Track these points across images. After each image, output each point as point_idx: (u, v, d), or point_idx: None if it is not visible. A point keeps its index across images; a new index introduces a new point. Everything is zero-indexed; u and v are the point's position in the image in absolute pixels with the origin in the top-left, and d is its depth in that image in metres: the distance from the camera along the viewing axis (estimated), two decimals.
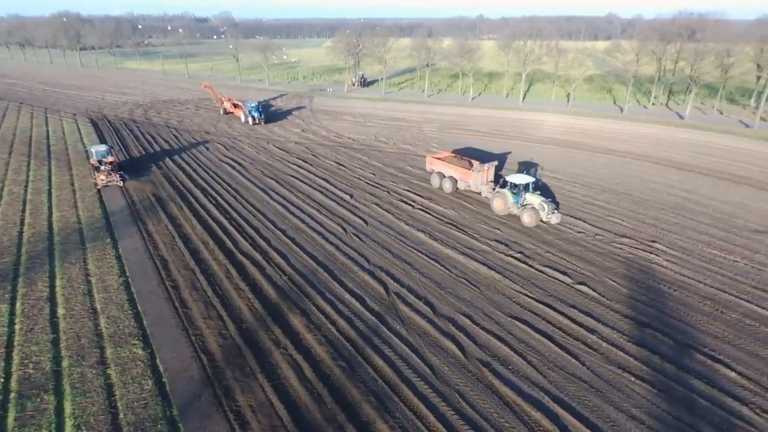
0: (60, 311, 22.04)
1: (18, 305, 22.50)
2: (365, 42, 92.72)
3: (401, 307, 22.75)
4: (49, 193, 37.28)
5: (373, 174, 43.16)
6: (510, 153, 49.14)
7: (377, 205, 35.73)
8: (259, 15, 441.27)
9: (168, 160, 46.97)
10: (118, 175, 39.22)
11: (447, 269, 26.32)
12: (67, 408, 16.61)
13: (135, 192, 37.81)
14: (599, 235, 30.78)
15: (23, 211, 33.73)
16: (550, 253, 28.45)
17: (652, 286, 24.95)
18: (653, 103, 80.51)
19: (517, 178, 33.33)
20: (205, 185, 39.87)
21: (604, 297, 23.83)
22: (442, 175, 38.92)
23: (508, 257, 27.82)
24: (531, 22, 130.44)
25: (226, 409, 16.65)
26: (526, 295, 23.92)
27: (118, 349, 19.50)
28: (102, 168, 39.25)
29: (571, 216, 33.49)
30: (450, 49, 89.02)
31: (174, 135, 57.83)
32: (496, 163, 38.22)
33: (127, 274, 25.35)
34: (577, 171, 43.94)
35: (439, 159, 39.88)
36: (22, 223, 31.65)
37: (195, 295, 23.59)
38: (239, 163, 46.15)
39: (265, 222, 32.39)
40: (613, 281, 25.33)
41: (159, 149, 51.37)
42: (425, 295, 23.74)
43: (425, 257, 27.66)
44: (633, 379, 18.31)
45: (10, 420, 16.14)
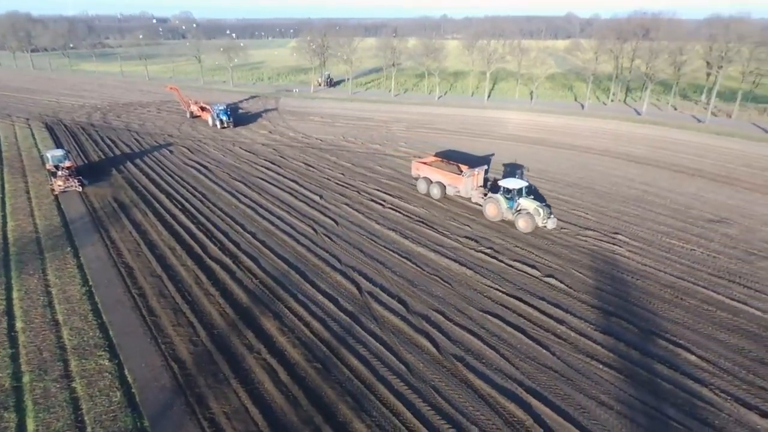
0: (18, 324, 21.06)
1: None
2: (330, 42, 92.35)
3: (375, 306, 22.80)
4: (2, 202, 35.55)
5: (343, 174, 43.06)
6: (493, 155, 48.86)
7: (347, 205, 35.66)
8: (220, 15, 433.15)
9: (130, 165, 45.55)
10: (76, 180, 37.77)
11: (419, 267, 26.53)
12: (30, 425, 15.91)
13: (95, 198, 36.51)
14: (565, 228, 31.65)
15: None
16: (518, 247, 29.06)
17: (616, 276, 25.85)
18: (612, 100, 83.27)
19: (511, 182, 32.42)
20: (170, 189, 38.86)
21: (571, 288, 24.53)
22: (429, 181, 37.41)
23: (478, 253, 28.28)
24: (493, 21, 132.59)
25: (200, 417, 16.30)
26: (497, 289, 24.37)
27: (83, 361, 18.80)
28: (59, 173, 37.73)
29: None
30: (415, 49, 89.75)
31: (135, 139, 56.11)
32: (485, 167, 37.33)
33: (90, 283, 24.45)
34: (541, 167, 45.02)
35: (425, 164, 38.50)
36: None
37: (163, 302, 22.99)
38: (205, 166, 45.20)
39: (233, 225, 31.85)
40: (580, 273, 26.11)
41: (120, 153, 49.74)
42: (398, 294, 23.86)
43: (397, 256, 27.80)
44: (601, 366, 18.93)
45: None
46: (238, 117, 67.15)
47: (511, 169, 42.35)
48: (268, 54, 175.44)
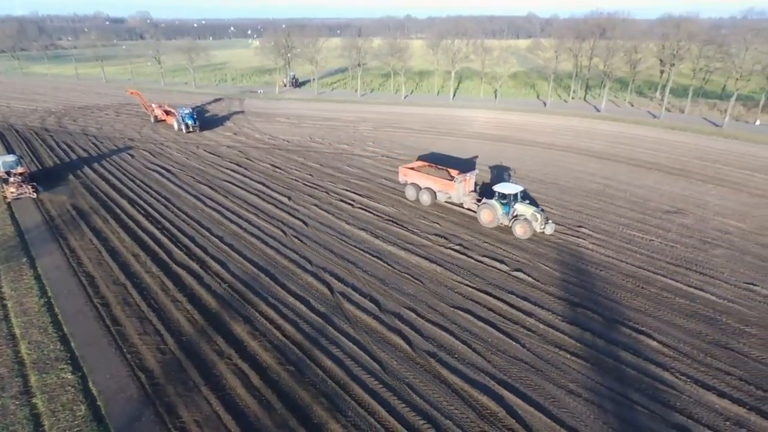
0: None
1: None
2: (295, 42, 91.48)
3: (347, 306, 22.75)
4: None
5: (311, 175, 42.75)
6: (477, 157, 47.88)
7: (316, 206, 35.44)
8: (179, 15, 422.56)
9: (88, 170, 43.91)
10: (30, 187, 36.16)
11: (390, 265, 26.63)
12: None
13: (52, 205, 35.03)
14: None
15: None
16: (487, 243, 29.56)
17: (581, 268, 26.64)
18: (573, 98, 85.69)
19: (506, 187, 31.27)
20: (131, 195, 37.67)
21: (538, 281, 25.13)
22: (418, 187, 35.74)
23: (448, 250, 28.60)
24: (457, 21, 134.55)
25: (170, 427, 15.89)
26: (467, 285, 24.72)
27: (44, 375, 18.03)
28: (11, 180, 36.05)
29: None
30: (380, 49, 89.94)
31: (93, 143, 54.11)
32: (476, 171, 36.50)
33: (49, 294, 23.45)
34: (507, 164, 45.87)
35: (413, 169, 36.81)
36: None
37: (128, 311, 22.28)
38: (168, 170, 44.03)
39: (200, 230, 31.16)
40: (546, 266, 26.77)
41: (77, 158, 47.89)
42: (370, 293, 23.89)
43: (368, 255, 27.82)
44: (568, 356, 19.47)
45: None
46: (204, 120, 65.19)
47: (498, 172, 42.60)
48: (231, 54, 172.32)
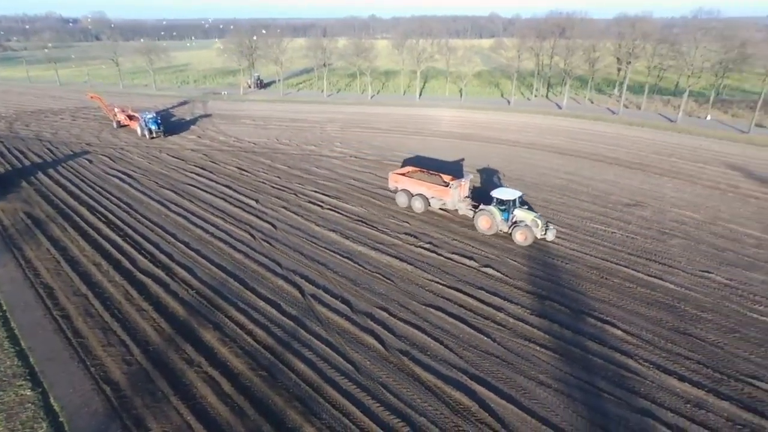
0: None
1: None
2: (258, 42, 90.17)
3: (318, 308, 22.61)
4: None
5: (278, 177, 42.26)
6: (463, 159, 47.16)
7: (285, 208, 35.06)
8: (137, 15, 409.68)
9: (43, 177, 42.11)
10: None
11: (361, 266, 26.61)
12: None
13: (4, 213, 33.43)
14: None
15: None
16: (456, 240, 29.92)
17: (548, 262, 27.31)
18: (535, 96, 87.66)
19: (504, 192, 30.40)
20: (91, 202, 36.33)
21: (507, 276, 25.62)
22: (410, 194, 34.54)
23: (418, 248, 28.80)
24: (421, 21, 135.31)
25: None
26: (438, 282, 24.96)
27: (1, 393, 17.18)
28: None
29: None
30: (345, 49, 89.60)
31: (48, 149, 51.92)
32: (471, 176, 35.92)
33: (5, 308, 22.34)
34: (473, 161, 46.53)
35: (403, 175, 35.51)
36: None
37: (90, 322, 21.49)
38: (130, 175, 42.68)
39: (164, 236, 30.34)
40: (514, 261, 27.32)
41: (30, 164, 45.84)
42: (341, 294, 23.81)
43: (338, 256, 27.72)
44: (538, 348, 19.93)
45: None
46: (169, 124, 62.85)
47: (487, 175, 42.35)
48: (193, 56, 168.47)
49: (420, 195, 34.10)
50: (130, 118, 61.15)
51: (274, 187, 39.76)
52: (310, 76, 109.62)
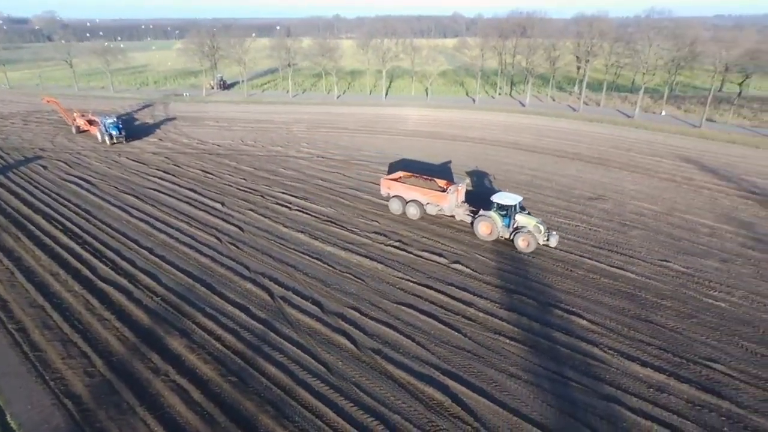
0: None
1: None
2: (221, 42, 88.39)
3: (289, 310, 22.35)
4: None
5: (245, 179, 41.54)
6: (450, 162, 46.32)
7: (252, 210, 34.49)
8: (91, 15, 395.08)
9: None
10: None
11: (331, 266, 26.46)
12: None
13: None
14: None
15: None
16: (425, 238, 30.12)
17: (515, 257, 27.84)
18: (499, 94, 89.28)
19: (505, 198, 29.45)
20: (46, 209, 34.77)
21: (476, 272, 25.98)
22: (404, 200, 33.30)
23: (388, 247, 28.86)
24: (385, 21, 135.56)
25: None
26: (408, 280, 25.07)
27: None
28: None
29: None
30: (310, 49, 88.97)
31: None
32: (467, 180, 34.57)
33: None
34: (441, 159, 47.00)
35: (396, 181, 34.28)
36: None
37: (48, 334, 20.56)
38: (88, 181, 41.08)
39: (126, 242, 29.35)
40: (483, 257, 27.73)
41: None
42: (312, 295, 23.61)
43: (308, 257, 27.47)
44: (508, 341, 20.29)
45: None
46: (131, 129, 59.76)
47: (478, 178, 41.68)
48: (152, 56, 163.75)
49: (414, 201, 32.78)
50: (90, 122, 58.06)
51: (240, 189, 39.06)
52: (274, 76, 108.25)
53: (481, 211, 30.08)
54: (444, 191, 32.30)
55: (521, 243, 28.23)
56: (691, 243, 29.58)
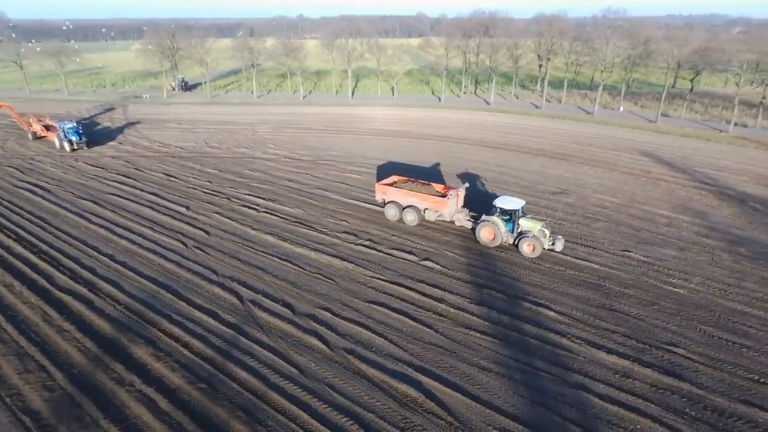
0: None
1: None
2: (181, 43, 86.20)
3: (259, 313, 21.97)
4: None
5: (210, 182, 40.61)
6: (439, 164, 45.50)
7: (218, 213, 33.76)
8: (43, 15, 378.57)
9: None
10: None
11: (301, 267, 26.16)
12: None
13: None
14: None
15: None
16: (395, 236, 30.17)
17: (484, 252, 28.22)
18: (464, 92, 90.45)
19: (508, 202, 28.52)
20: None
21: (446, 268, 26.19)
22: (400, 206, 32.13)
23: (358, 246, 28.77)
24: (350, 21, 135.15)
25: None
26: (379, 278, 25.05)
27: None
28: None
29: None
30: (274, 49, 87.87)
31: None
32: (467, 185, 34.12)
33: None
34: (408, 158, 47.21)
35: (391, 186, 32.96)
36: None
37: (3, 349, 19.53)
38: (42, 187, 39.27)
39: (86, 249, 28.21)
40: (452, 253, 27.99)
41: None
42: (282, 297, 23.28)
43: (277, 259, 27.08)
44: (479, 335, 20.54)
45: None
46: (92, 134, 56.89)
47: (471, 181, 40.20)
48: (109, 58, 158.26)
49: (412, 207, 31.69)
50: (48, 128, 54.94)
51: (205, 192, 38.15)
52: (238, 77, 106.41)
53: (483, 217, 29.09)
54: (443, 196, 31.46)
55: (527, 248, 27.38)
56: (650, 233, 30.70)
